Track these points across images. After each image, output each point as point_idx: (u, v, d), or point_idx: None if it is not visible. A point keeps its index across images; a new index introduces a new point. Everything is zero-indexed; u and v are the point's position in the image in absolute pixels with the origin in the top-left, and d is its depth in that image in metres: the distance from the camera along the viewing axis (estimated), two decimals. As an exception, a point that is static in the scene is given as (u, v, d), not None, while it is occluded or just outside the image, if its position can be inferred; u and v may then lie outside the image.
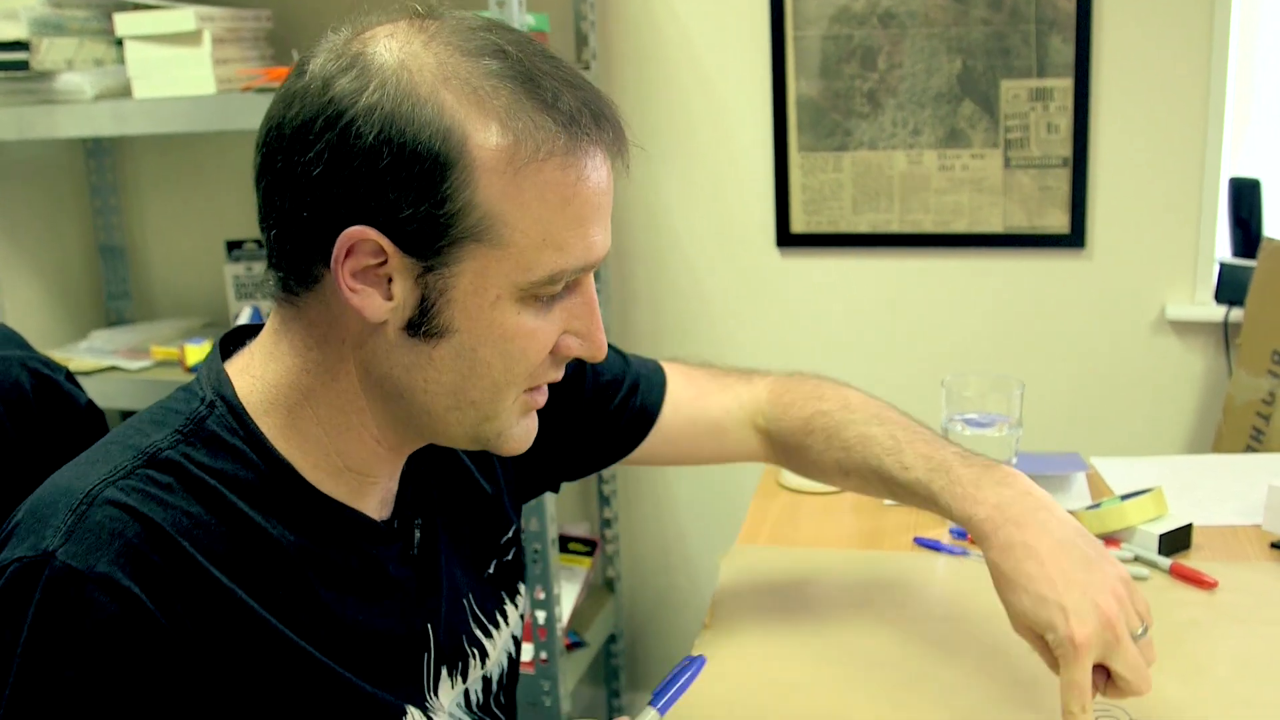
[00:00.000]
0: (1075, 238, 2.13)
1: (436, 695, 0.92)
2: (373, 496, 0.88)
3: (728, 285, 2.34)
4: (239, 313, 2.29)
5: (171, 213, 2.55)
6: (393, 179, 0.74)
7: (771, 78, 2.21)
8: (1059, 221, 2.14)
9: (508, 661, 1.04)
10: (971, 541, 1.35)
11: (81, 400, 1.11)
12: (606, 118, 0.80)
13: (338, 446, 0.84)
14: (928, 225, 2.20)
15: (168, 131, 2.05)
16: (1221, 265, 2.10)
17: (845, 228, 2.24)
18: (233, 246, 2.37)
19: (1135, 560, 1.29)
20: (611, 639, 2.50)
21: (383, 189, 0.74)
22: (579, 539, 2.41)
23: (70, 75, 2.03)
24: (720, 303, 2.35)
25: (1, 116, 2.03)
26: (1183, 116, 2.06)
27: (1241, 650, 1.12)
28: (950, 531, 1.40)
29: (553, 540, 2.04)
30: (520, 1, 1.83)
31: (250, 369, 0.84)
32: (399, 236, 0.75)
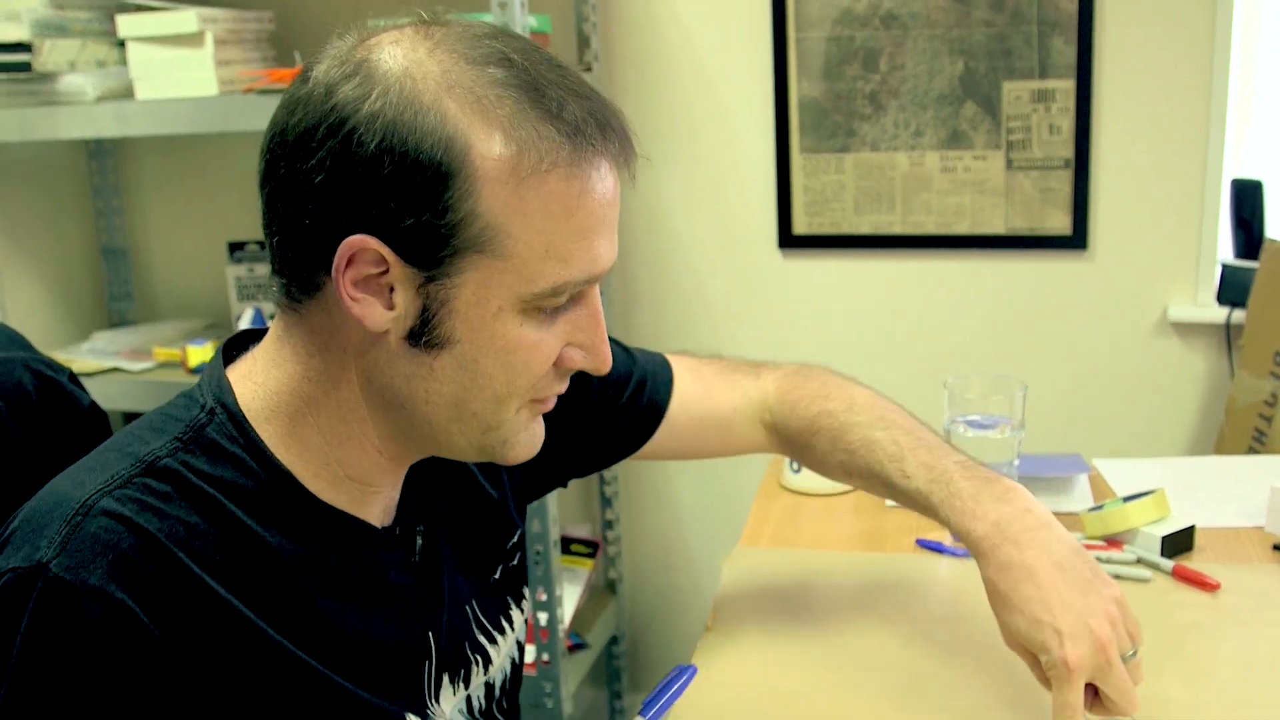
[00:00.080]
0: (1077, 239, 2.13)
1: (438, 702, 0.92)
2: (375, 505, 0.87)
3: (730, 287, 2.34)
4: (241, 314, 2.29)
5: (174, 214, 2.55)
6: (394, 188, 0.73)
7: (773, 79, 2.21)
8: (1061, 223, 2.14)
9: (511, 667, 1.04)
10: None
11: (84, 402, 1.11)
12: (613, 128, 0.79)
13: (339, 455, 0.83)
14: (930, 227, 2.20)
15: (170, 133, 2.05)
16: (1223, 267, 2.10)
17: (847, 229, 2.24)
18: (235, 248, 2.37)
19: (1138, 562, 1.29)
20: (613, 640, 2.50)
21: (384, 198, 0.73)
22: (581, 540, 2.41)
23: (72, 77, 2.03)
24: (722, 304, 2.35)
25: (4, 118, 2.03)
26: (1185, 118, 2.06)
27: (1244, 652, 1.12)
28: (954, 537, 1.40)
29: (554, 542, 2.04)
30: (522, 3, 1.84)
31: (253, 375, 0.83)
32: (400, 246, 0.75)
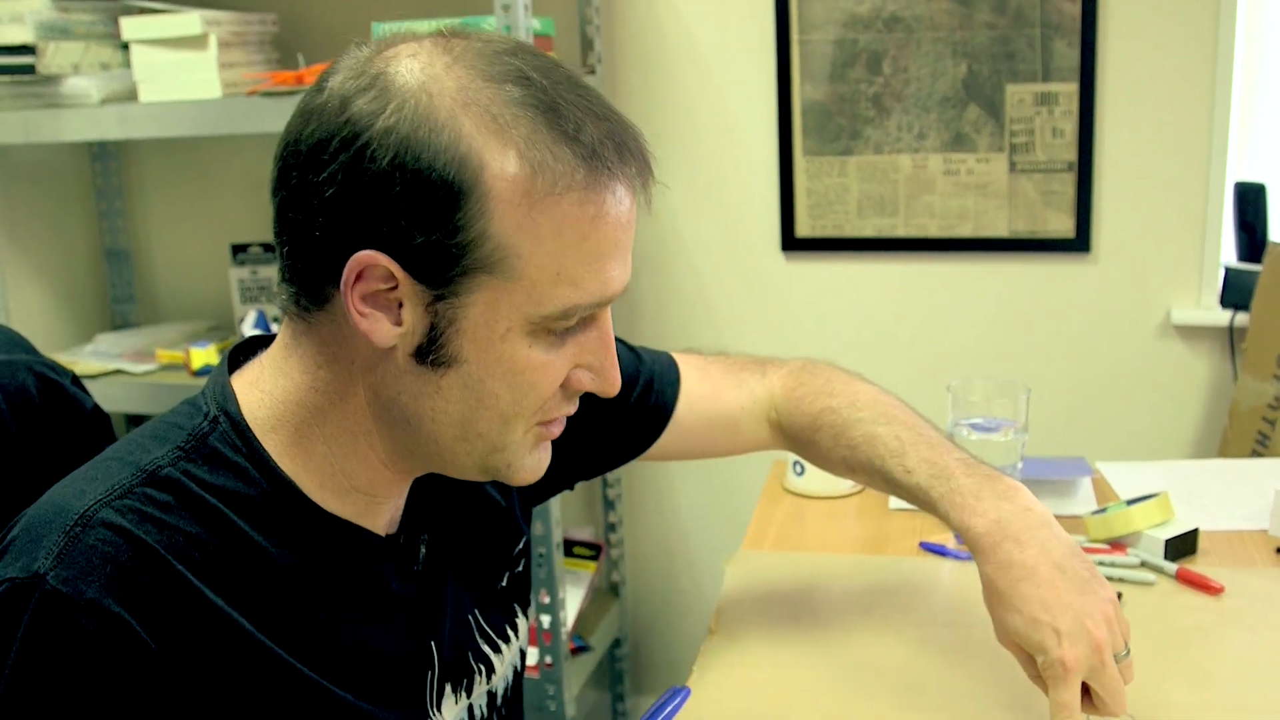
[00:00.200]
0: (1080, 242, 2.13)
1: (439, 711, 0.91)
2: (380, 515, 0.87)
3: (732, 290, 2.34)
4: (244, 316, 2.29)
5: (177, 216, 2.55)
6: (406, 205, 0.72)
7: (777, 82, 2.21)
8: (1064, 226, 2.14)
9: (513, 675, 1.03)
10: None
11: (87, 404, 1.11)
12: (631, 150, 0.77)
13: (345, 467, 0.82)
14: (933, 230, 2.20)
15: (173, 135, 2.06)
16: (1227, 270, 2.10)
17: (850, 232, 2.24)
18: (238, 250, 2.37)
19: (1141, 566, 1.29)
20: (616, 643, 2.50)
21: (395, 215, 0.72)
22: (584, 543, 2.41)
23: (76, 79, 2.03)
24: (725, 307, 2.35)
25: (8, 120, 2.04)
26: (1188, 121, 2.06)
27: (1248, 656, 1.12)
28: (956, 536, 1.40)
29: (557, 544, 2.04)
30: (526, 6, 1.84)
31: (259, 383, 0.83)
32: (410, 263, 0.74)
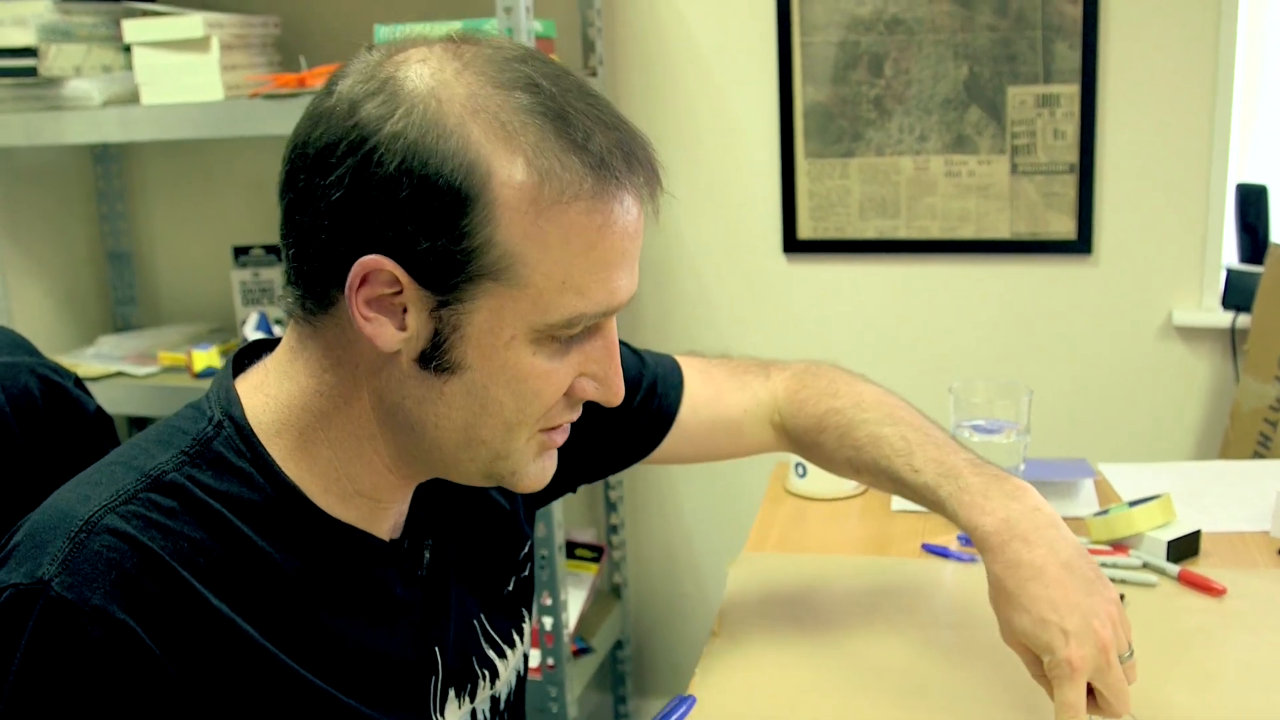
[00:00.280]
0: (1082, 244, 2.13)
1: (442, 716, 0.91)
2: (385, 520, 0.87)
3: (734, 292, 2.34)
4: (246, 318, 2.29)
5: (179, 218, 2.55)
6: (412, 210, 0.72)
7: (778, 84, 2.21)
8: (1066, 228, 2.14)
9: (516, 679, 1.03)
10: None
11: (90, 407, 1.11)
12: (639, 160, 0.77)
13: (349, 472, 0.82)
14: (934, 231, 2.20)
15: (175, 138, 2.06)
16: (1228, 271, 2.10)
17: (852, 234, 2.24)
18: (240, 252, 2.37)
19: (1143, 567, 1.29)
20: (618, 645, 2.50)
21: (401, 220, 0.72)
22: (586, 545, 2.41)
23: (78, 81, 2.03)
24: (727, 309, 2.35)
25: (10, 122, 2.04)
26: (1189, 122, 2.06)
27: (1250, 657, 1.12)
28: (958, 538, 1.40)
29: (560, 546, 2.04)
30: (528, 9, 1.84)
31: (264, 387, 0.83)
32: (415, 269, 0.74)
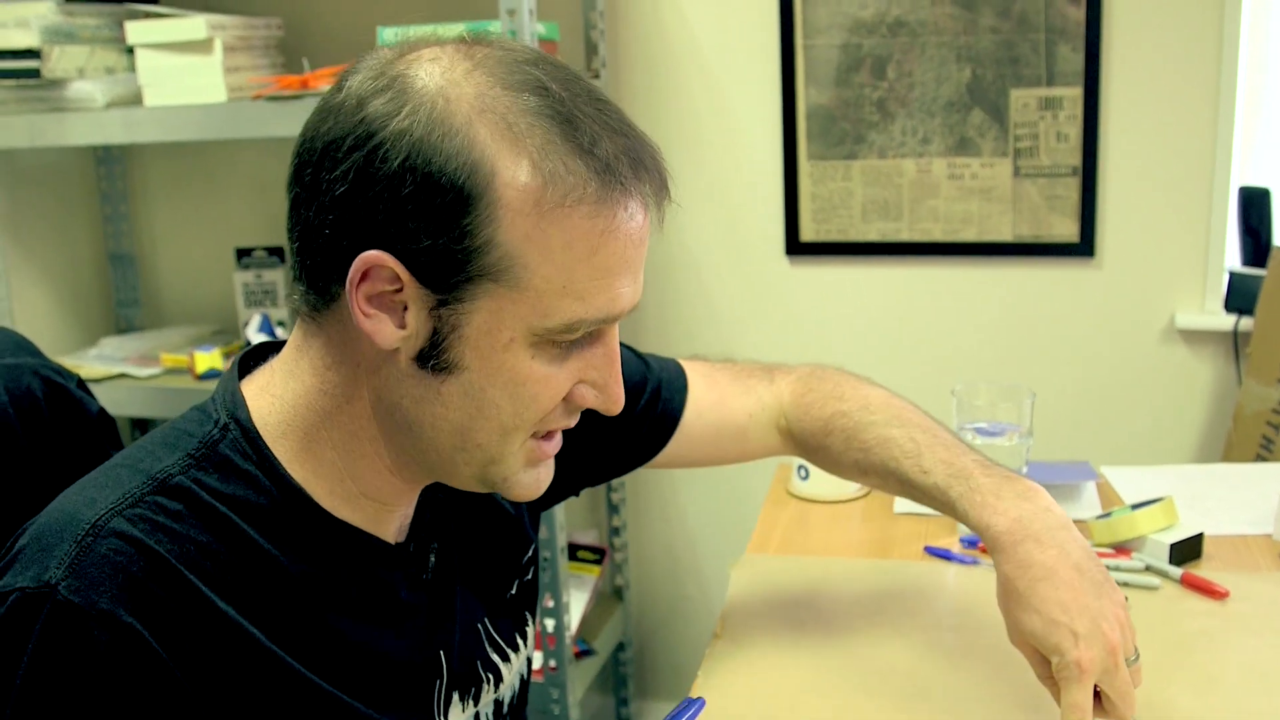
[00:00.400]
0: (1084, 246, 2.13)
1: (446, 719, 0.91)
2: (390, 523, 0.87)
3: (736, 294, 2.34)
4: (248, 320, 2.29)
5: (181, 220, 2.56)
6: (414, 208, 0.72)
7: (781, 86, 2.21)
8: (1068, 230, 2.13)
9: (519, 683, 1.03)
10: (985, 549, 1.35)
11: (93, 408, 1.11)
12: (647, 168, 0.77)
13: (353, 473, 0.82)
14: (937, 234, 2.20)
15: (178, 139, 2.06)
16: (1231, 274, 2.10)
17: (854, 236, 2.24)
18: (242, 254, 2.37)
19: (1146, 570, 1.29)
20: (620, 647, 2.50)
21: (403, 217, 0.73)
22: (588, 547, 2.41)
23: (81, 83, 2.03)
24: (729, 311, 2.35)
25: (13, 124, 2.04)
26: (1192, 125, 2.06)
27: (1252, 660, 1.12)
28: (960, 541, 1.40)
29: (562, 548, 2.03)
30: (531, 10, 1.84)
31: (270, 387, 0.83)
32: (416, 266, 0.74)
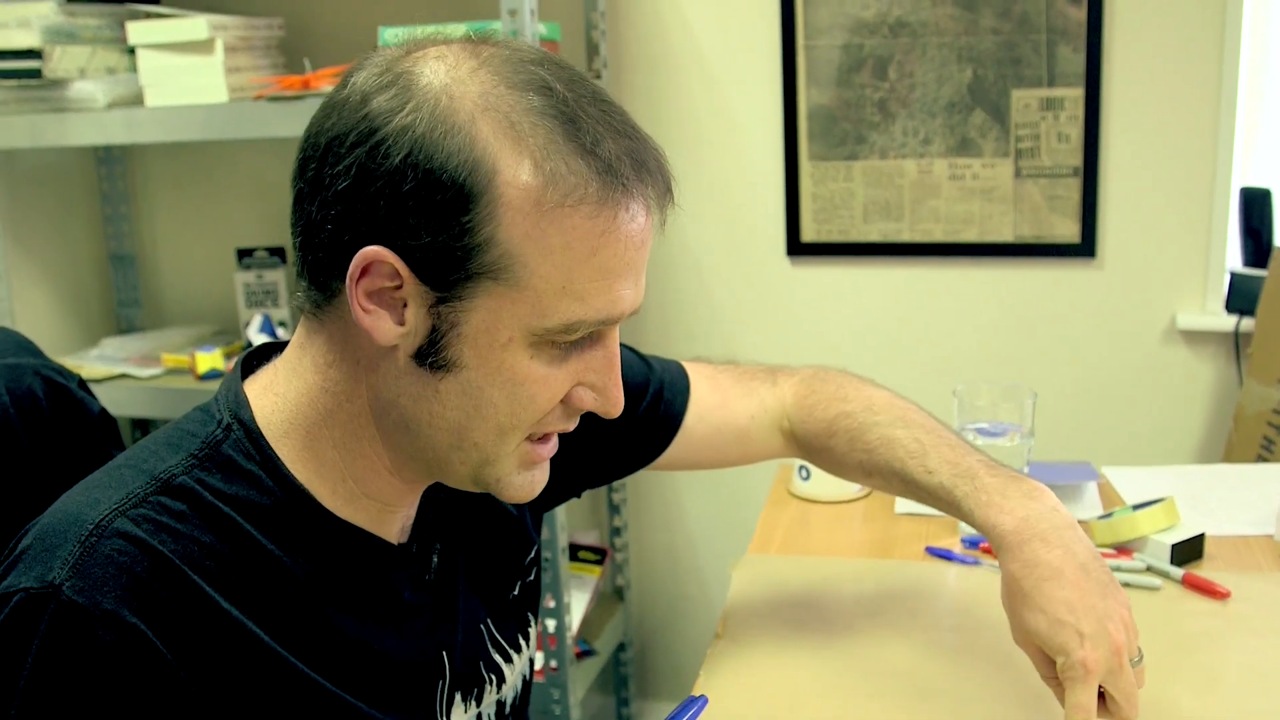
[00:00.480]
0: (1085, 247, 2.13)
1: (449, 719, 0.91)
2: (393, 523, 0.87)
3: (738, 294, 2.34)
4: (249, 320, 2.29)
5: (182, 220, 2.56)
6: (415, 204, 0.72)
7: (782, 87, 2.21)
8: (1069, 231, 2.13)
9: (522, 683, 1.03)
10: (986, 550, 1.35)
11: (94, 408, 1.11)
12: (649, 170, 0.77)
13: (354, 473, 0.82)
14: (938, 234, 2.20)
15: (179, 140, 2.06)
16: (1232, 275, 2.10)
17: (855, 237, 2.24)
18: (243, 254, 2.37)
19: (1147, 570, 1.29)
20: (621, 647, 2.50)
21: (404, 213, 0.73)
22: (589, 547, 2.41)
23: (82, 83, 2.03)
24: (730, 311, 2.35)
25: (14, 124, 2.04)
26: (1193, 126, 2.06)
27: (1253, 661, 1.12)
28: (962, 541, 1.40)
29: (563, 549, 2.03)
30: (532, 11, 1.84)
31: (273, 387, 0.83)
32: (416, 263, 0.74)
